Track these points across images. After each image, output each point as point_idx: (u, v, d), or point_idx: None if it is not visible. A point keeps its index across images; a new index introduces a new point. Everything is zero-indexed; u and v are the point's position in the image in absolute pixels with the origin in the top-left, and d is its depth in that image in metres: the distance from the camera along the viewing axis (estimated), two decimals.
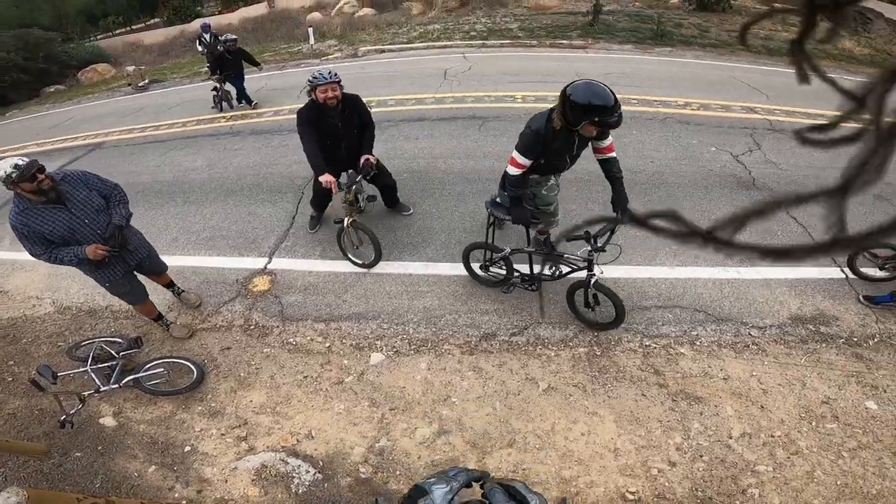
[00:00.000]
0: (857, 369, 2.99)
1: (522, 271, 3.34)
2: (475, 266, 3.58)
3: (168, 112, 8.62)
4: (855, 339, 3.18)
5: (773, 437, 2.64)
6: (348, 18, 15.03)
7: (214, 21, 14.44)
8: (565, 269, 3.15)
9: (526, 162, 2.80)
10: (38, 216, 2.70)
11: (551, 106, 2.63)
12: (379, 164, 3.96)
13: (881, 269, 3.49)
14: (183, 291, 3.85)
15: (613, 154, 2.85)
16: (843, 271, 3.67)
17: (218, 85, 7.76)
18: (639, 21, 11.58)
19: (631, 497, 2.42)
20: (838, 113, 0.40)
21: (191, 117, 7.95)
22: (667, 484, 2.46)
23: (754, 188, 4.63)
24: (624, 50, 9.76)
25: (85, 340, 3.50)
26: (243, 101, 7.85)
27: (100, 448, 2.95)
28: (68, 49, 17.96)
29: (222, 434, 2.89)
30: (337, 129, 3.58)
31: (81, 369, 3.13)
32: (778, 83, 7.64)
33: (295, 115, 3.55)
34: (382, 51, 10.79)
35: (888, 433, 2.61)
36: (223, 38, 7.55)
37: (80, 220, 2.81)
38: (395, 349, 3.28)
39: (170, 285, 3.74)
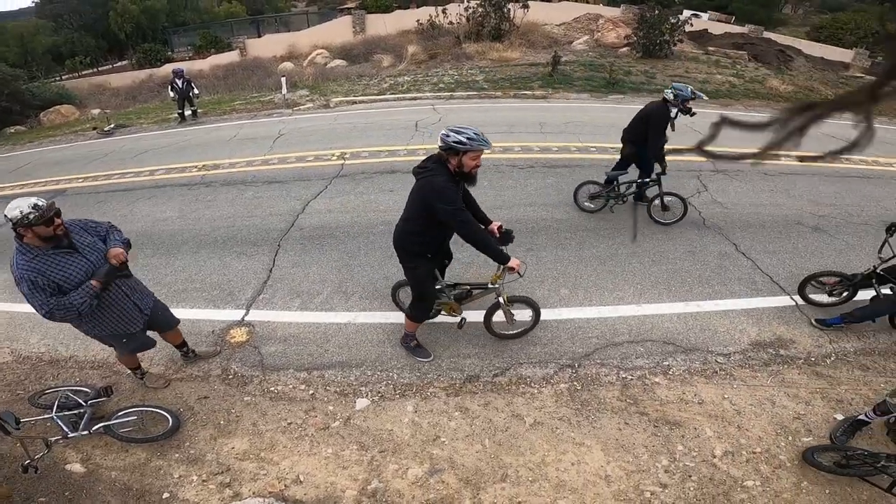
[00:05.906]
0: (820, 386, 3.22)
1: None
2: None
3: (135, 159, 8.46)
4: (813, 359, 3.44)
5: (754, 453, 2.77)
6: (320, 69, 15.39)
7: (185, 66, 14.29)
8: None
9: None
10: (53, 263, 2.39)
11: None
12: None
13: (829, 294, 3.81)
14: (197, 354, 3.59)
15: None
16: (793, 299, 3.98)
17: None
18: (593, 70, 12.43)
19: None
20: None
21: (159, 165, 7.86)
22: None
23: (705, 227, 5.02)
24: (581, 98, 10.54)
25: (48, 389, 3.36)
26: None
27: (67, 494, 2.81)
28: (32, 88, 17.18)
29: (204, 480, 2.79)
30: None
31: (46, 416, 3.00)
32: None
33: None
34: (354, 102, 11.10)
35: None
36: None
37: (94, 265, 2.54)
38: (380, 394, 3.27)
39: (182, 346, 3.49)
